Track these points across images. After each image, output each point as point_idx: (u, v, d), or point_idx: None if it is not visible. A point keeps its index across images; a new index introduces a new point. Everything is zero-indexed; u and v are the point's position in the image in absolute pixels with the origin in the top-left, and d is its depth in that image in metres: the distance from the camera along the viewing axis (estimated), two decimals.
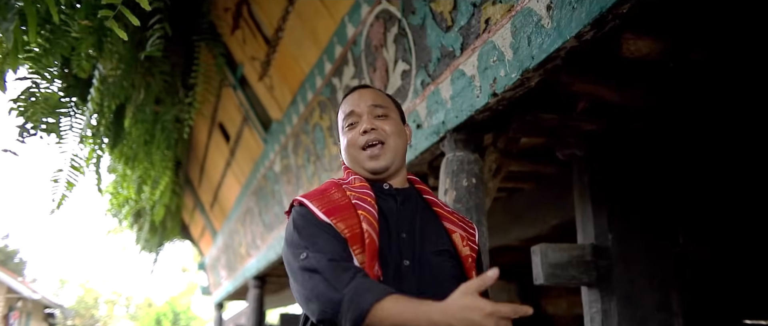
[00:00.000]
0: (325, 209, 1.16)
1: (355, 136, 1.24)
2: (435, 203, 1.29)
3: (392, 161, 1.24)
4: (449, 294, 1.06)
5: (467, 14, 1.95)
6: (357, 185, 1.23)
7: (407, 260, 1.15)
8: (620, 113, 2.01)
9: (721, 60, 1.66)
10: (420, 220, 1.23)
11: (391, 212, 1.20)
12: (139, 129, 3.80)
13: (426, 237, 1.20)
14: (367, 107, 1.25)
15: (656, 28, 1.53)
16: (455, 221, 1.26)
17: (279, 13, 3.45)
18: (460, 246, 1.21)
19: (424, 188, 1.32)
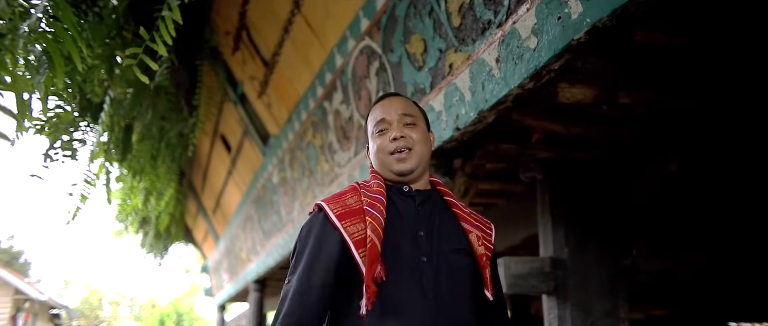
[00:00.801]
0: (339, 212, 1.24)
1: (384, 142, 1.32)
2: (454, 204, 1.35)
3: (417, 165, 1.31)
4: (464, 288, 1.22)
5: (435, 58, 2.23)
6: (373, 189, 1.29)
7: (425, 257, 1.22)
8: (570, 142, 2.29)
9: (646, 104, 1.93)
10: (438, 220, 1.30)
11: (409, 212, 1.28)
12: (145, 145, 4.09)
13: (443, 236, 1.27)
14: (397, 116, 1.33)
15: (587, 78, 1.80)
16: (472, 221, 1.32)
17: (275, 40, 3.73)
18: (475, 246, 1.27)
19: (445, 191, 1.39)
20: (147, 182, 4.60)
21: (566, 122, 2.10)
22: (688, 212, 2.91)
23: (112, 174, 4.10)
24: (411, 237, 1.24)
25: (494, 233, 1.37)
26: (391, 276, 1.19)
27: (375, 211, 1.22)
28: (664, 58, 1.67)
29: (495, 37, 1.85)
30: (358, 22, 2.78)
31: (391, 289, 1.18)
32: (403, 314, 1.17)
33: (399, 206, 1.29)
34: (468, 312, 1.23)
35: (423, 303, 1.18)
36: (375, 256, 1.16)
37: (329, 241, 1.22)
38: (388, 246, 1.21)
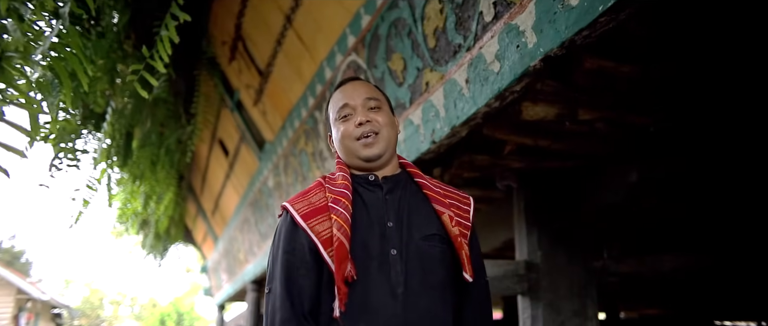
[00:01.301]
0: (304, 212, 1.20)
1: (349, 128, 1.26)
2: (425, 185, 1.30)
3: (385, 150, 1.27)
4: (437, 278, 1.17)
5: (414, 75, 2.40)
6: (338, 183, 1.25)
7: (394, 249, 1.18)
8: (540, 154, 2.46)
9: (605, 120, 2.10)
10: (408, 207, 1.25)
11: (376, 203, 1.23)
12: (145, 151, 4.26)
13: (414, 224, 1.22)
14: (361, 100, 1.28)
15: (547, 98, 1.97)
16: (445, 201, 1.26)
17: (269, 51, 3.90)
18: (449, 227, 1.22)
19: (415, 172, 1.34)
20: (147, 186, 4.77)
21: (534, 136, 2.27)
22: (658, 216, 3.08)
23: (113, 179, 4.27)
24: (379, 230, 1.20)
25: (473, 207, 1.32)
26: (361, 274, 1.15)
27: (340, 207, 1.18)
28: (617, 80, 1.83)
29: (464, 59, 2.02)
30: (345, 39, 2.95)
31: (361, 288, 1.15)
32: (373, 314, 1.14)
33: (365, 198, 1.25)
34: (441, 303, 1.19)
35: (392, 301, 1.15)
36: (344, 255, 1.13)
37: (301, 243, 1.20)
38: (357, 242, 1.18)
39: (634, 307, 8.64)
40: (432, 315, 1.17)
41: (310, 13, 3.20)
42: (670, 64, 1.75)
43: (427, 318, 1.16)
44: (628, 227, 3.04)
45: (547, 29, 1.61)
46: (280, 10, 3.46)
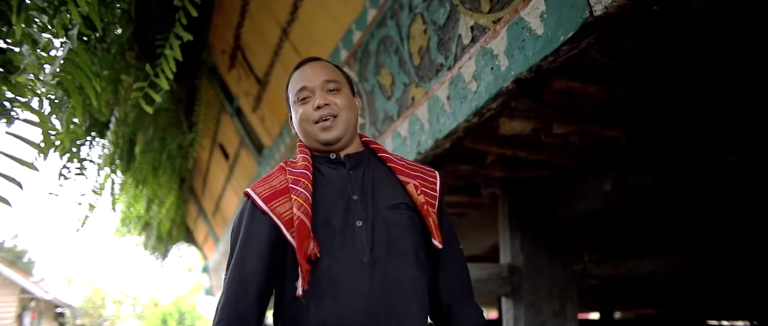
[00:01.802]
0: (265, 196, 1.21)
1: (307, 110, 1.26)
2: (389, 159, 1.31)
3: (344, 133, 1.26)
4: (406, 244, 1.17)
5: (401, 90, 2.54)
6: (299, 165, 1.25)
7: (359, 221, 1.18)
8: (520, 163, 2.60)
9: (578, 133, 2.24)
10: (372, 180, 1.25)
11: (339, 179, 1.24)
12: (148, 157, 4.41)
13: (379, 194, 1.23)
14: (320, 82, 1.27)
15: (522, 114, 2.11)
16: (409, 172, 1.28)
17: (267, 61, 4.05)
18: (415, 195, 1.23)
19: (379, 147, 1.34)
20: (149, 190, 4.92)
21: (513, 148, 2.41)
22: (638, 221, 3.22)
23: (116, 184, 4.43)
24: (343, 205, 1.21)
25: (439, 181, 1.33)
26: (325, 250, 1.16)
27: (300, 187, 1.18)
28: (584, 99, 1.97)
29: (446, 78, 2.17)
30: (338, 52, 3.09)
31: (325, 264, 1.15)
32: (339, 287, 1.14)
33: (328, 176, 1.25)
34: (411, 268, 1.19)
35: (358, 270, 1.15)
36: (305, 233, 1.13)
37: (259, 226, 1.19)
38: (320, 219, 1.18)
39: (631, 307, 8.79)
40: (401, 280, 1.17)
41: (305, 26, 3.35)
42: (633, 85, 1.89)
43: (395, 283, 1.16)
44: (609, 231, 3.19)
45: (517, 54, 1.76)
46: (276, 23, 3.60)
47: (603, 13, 1.43)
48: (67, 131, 2.17)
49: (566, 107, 2.02)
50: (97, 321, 31.51)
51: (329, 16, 3.02)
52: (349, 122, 1.28)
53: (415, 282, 1.19)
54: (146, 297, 34.34)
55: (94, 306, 32.46)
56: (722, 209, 2.87)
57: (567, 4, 1.54)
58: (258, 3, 3.76)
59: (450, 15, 2.11)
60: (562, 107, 2.02)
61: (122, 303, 34.27)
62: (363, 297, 1.13)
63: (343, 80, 1.33)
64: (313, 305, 1.13)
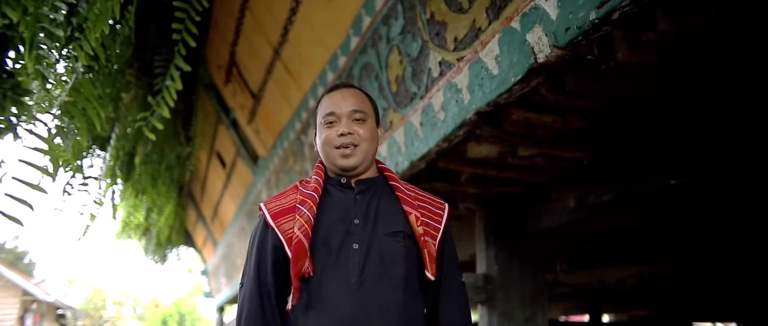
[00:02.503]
0: (274, 212, 1.29)
1: (331, 135, 1.32)
2: (398, 188, 1.36)
3: (361, 162, 1.32)
4: (397, 271, 1.22)
5: (380, 113, 2.74)
6: (310, 186, 1.32)
7: (356, 244, 1.24)
8: (492, 181, 2.80)
9: (542, 155, 2.44)
10: (377, 206, 1.31)
11: (345, 202, 1.30)
12: (147, 168, 4.61)
13: (381, 221, 1.29)
14: (347, 111, 1.33)
15: (488, 139, 2.30)
16: (414, 203, 1.33)
17: (260, 77, 4.25)
18: (414, 226, 1.28)
19: (391, 176, 1.41)
20: (148, 200, 5.13)
21: (483, 167, 2.60)
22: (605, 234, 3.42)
23: (117, 193, 4.62)
24: (344, 227, 1.27)
25: (446, 213, 1.38)
26: (318, 268, 1.23)
27: (305, 208, 1.25)
28: (541, 128, 2.17)
29: (418, 106, 2.37)
30: (325, 74, 3.29)
31: (317, 282, 1.22)
32: (325, 303, 1.20)
33: (335, 198, 1.32)
34: (398, 293, 1.23)
35: (345, 289, 1.21)
36: (301, 253, 1.20)
37: (267, 240, 1.28)
38: (320, 238, 1.25)
39: (624, 309, 9.00)
40: (387, 303, 1.21)
41: (296, 48, 3.55)
42: (584, 116, 2.09)
43: (381, 306, 1.20)
44: (581, 242, 3.39)
45: (476, 90, 1.96)
46: (269, 44, 3.81)
47: (545, 61, 1.63)
48: (73, 152, 2.37)
49: (526, 134, 2.22)
50: (98, 322, 31.67)
51: (317, 40, 3.23)
52: (368, 152, 1.34)
53: (401, 306, 1.23)
54: (146, 298, 34.50)
55: (95, 307, 32.63)
56: (678, 220, 3.08)
57: (516, 51, 1.73)
58: (251, 23, 3.96)
59: (422, 49, 2.31)
60: (522, 134, 2.22)
61: (123, 305, 34.43)
62: (346, 314, 1.19)
63: (371, 111, 1.40)
64: (301, 318, 1.22)
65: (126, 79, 3.85)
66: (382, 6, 2.53)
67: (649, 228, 3.26)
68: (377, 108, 1.46)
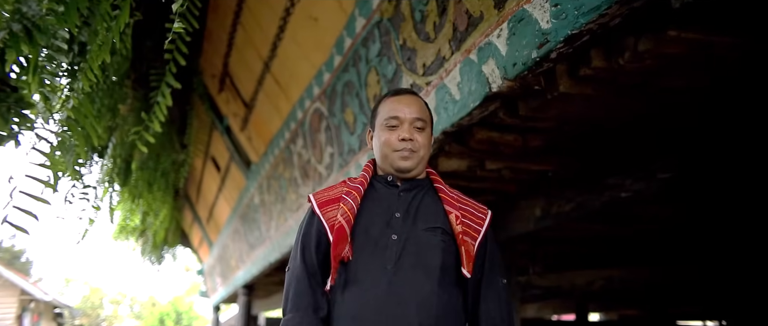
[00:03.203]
0: (321, 201, 1.39)
1: (393, 138, 1.40)
2: (442, 190, 1.45)
3: (417, 165, 1.42)
4: (432, 262, 1.29)
5: (361, 128, 2.94)
6: (357, 181, 1.42)
7: (395, 235, 1.32)
8: (467, 192, 2.99)
9: (508, 168, 2.64)
10: (419, 203, 1.39)
11: (389, 197, 1.39)
12: (143, 174, 4.80)
13: (421, 217, 1.36)
14: (410, 118, 1.41)
15: (456, 155, 2.50)
16: (455, 204, 1.41)
17: (252, 88, 4.44)
18: (453, 224, 1.35)
19: (437, 179, 1.50)
20: (145, 204, 5.32)
21: (455, 179, 2.80)
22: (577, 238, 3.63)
23: (114, 197, 4.81)
24: (385, 219, 1.35)
25: (488, 218, 1.47)
26: (357, 254, 1.32)
27: (349, 198, 1.35)
28: (503, 146, 2.37)
29: None
30: (311, 88, 3.49)
31: (355, 266, 1.32)
32: (360, 285, 1.30)
33: (380, 193, 1.41)
34: (432, 282, 1.30)
35: (380, 274, 1.29)
36: (341, 237, 1.30)
37: (313, 226, 1.38)
38: (361, 228, 1.34)
39: (615, 308, 9.23)
40: (419, 291, 1.29)
41: (284, 63, 3.74)
42: (542, 135, 2.29)
43: (413, 293, 1.28)
44: (553, 246, 3.59)
45: (442, 112, 2.15)
46: (259, 57, 4.00)
47: (498, 90, 1.83)
48: (72, 164, 2.56)
49: (491, 150, 2.42)
50: (95, 321, 31.82)
51: (304, 57, 3.42)
52: (423, 158, 1.44)
53: (434, 295, 1.29)
54: (143, 297, 34.66)
55: (92, 306, 32.78)
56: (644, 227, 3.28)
57: (474, 80, 1.93)
58: (243, 37, 4.15)
59: (396, 72, 2.50)
60: (487, 150, 2.42)
61: (120, 303, 34.59)
62: (379, 297, 1.28)
63: (429, 120, 1.48)
64: (340, 297, 1.32)
65: (123, 90, 4.03)
66: (361, 29, 2.72)
67: (618, 233, 3.47)
68: (432, 117, 1.54)
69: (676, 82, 1.78)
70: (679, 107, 1.97)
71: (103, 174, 4.32)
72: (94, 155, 4.15)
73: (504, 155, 2.51)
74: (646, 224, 3.45)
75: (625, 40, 1.55)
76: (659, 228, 3.56)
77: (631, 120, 2.10)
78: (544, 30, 1.58)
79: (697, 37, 1.46)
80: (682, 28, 1.45)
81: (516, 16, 1.70)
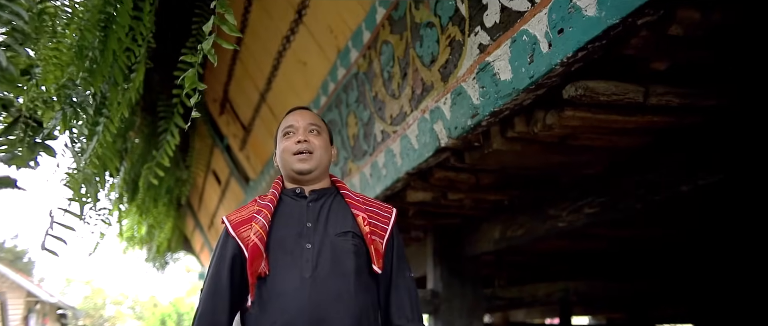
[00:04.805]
0: (235, 223, 1.44)
1: (290, 143, 1.50)
2: (347, 195, 1.53)
3: (316, 167, 1.48)
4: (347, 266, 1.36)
5: (342, 161, 3.36)
6: (267, 198, 1.47)
7: (309, 244, 1.38)
8: (436, 215, 3.43)
9: (469, 198, 3.07)
10: (328, 211, 1.46)
11: (299, 209, 1.46)
12: (149, 192, 5.22)
13: (331, 224, 1.43)
14: (304, 124, 1.51)
15: (423, 188, 2.93)
16: (362, 207, 1.49)
17: (250, 114, 4.87)
18: (361, 226, 1.43)
19: (342, 185, 1.58)
20: (150, 218, 5.75)
21: (424, 206, 3.24)
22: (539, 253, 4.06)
23: (123, 213, 5.25)
24: (297, 230, 1.42)
25: (393, 216, 1.56)
26: (274, 268, 1.37)
27: (260, 216, 1.41)
28: (459, 183, 2.79)
29: (368, 161, 3.00)
30: None
31: (273, 279, 1.37)
32: (281, 297, 1.35)
33: (290, 206, 1.47)
34: (349, 285, 1.38)
35: (299, 283, 1.35)
36: (256, 254, 1.35)
37: (228, 248, 1.43)
38: (275, 241, 1.40)
39: (602, 311, 9.66)
40: (339, 296, 1.36)
41: (278, 96, 4.17)
42: (492, 174, 2.72)
43: (333, 299, 1.35)
44: (517, 261, 4.03)
45: (405, 157, 2.59)
46: (256, 89, 4.43)
47: (446, 145, 2.26)
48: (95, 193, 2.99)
49: (450, 186, 2.85)
50: (98, 321, 32.22)
51: (294, 94, 3.85)
52: (321, 159, 1.52)
53: (352, 296, 1.38)
54: (145, 298, 35.02)
55: (95, 306, 33.20)
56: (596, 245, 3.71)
57: (428, 135, 2.36)
58: (242, 70, 4.58)
59: (370, 118, 2.94)
60: (446, 186, 2.85)
61: (121, 304, 34.98)
62: (301, 306, 1.33)
63: (324, 128, 1.60)
64: (261, 313, 1.37)
65: (132, 117, 4.46)
66: (342, 77, 3.16)
67: (578, 248, 3.90)
68: (331, 131, 1.68)
69: (587, 140, 2.21)
70: (595, 155, 2.40)
71: (114, 193, 4.75)
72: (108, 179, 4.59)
73: (461, 190, 2.94)
74: (600, 242, 3.89)
75: (537, 113, 1.98)
76: (609, 245, 4.00)
77: (558, 167, 2.53)
78: (476, 104, 2.01)
79: (587, 115, 1.88)
80: (576, 108, 1.87)
81: (456, 90, 2.13)
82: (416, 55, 2.40)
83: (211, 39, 1.85)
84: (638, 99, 1.75)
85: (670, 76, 1.74)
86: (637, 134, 2.07)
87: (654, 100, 1.76)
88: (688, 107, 1.81)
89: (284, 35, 3.54)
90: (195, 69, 2.06)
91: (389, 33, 2.60)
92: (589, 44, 1.48)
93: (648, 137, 2.12)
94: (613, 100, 1.75)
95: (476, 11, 1.95)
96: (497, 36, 1.85)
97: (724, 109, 1.85)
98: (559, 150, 2.27)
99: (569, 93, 1.74)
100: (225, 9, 1.78)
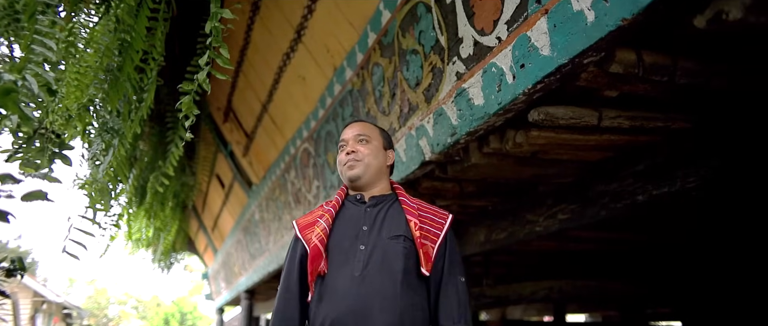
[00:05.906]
0: (301, 226, 1.58)
1: (342, 155, 1.65)
2: (404, 201, 1.62)
3: (364, 173, 1.59)
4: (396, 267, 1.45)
5: None
6: (331, 203, 1.60)
7: (363, 245, 1.48)
8: None
9: (456, 205, 3.31)
10: (384, 216, 1.55)
11: (357, 214, 1.57)
12: (156, 197, 5.48)
13: (385, 227, 1.53)
14: (353, 136, 1.65)
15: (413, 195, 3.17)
16: (415, 212, 1.57)
17: (252, 123, 5.13)
18: (413, 230, 1.52)
19: (402, 193, 1.67)
20: (157, 222, 6.01)
21: None
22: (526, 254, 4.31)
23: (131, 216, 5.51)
24: (354, 233, 1.52)
25: (448, 222, 1.65)
26: (332, 266, 1.49)
27: (323, 220, 1.54)
28: (445, 191, 3.04)
29: None
30: (301, 131, 4.17)
31: (329, 278, 1.50)
32: (334, 293, 1.47)
33: (351, 211, 1.59)
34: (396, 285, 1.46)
35: (350, 281, 1.46)
36: (316, 254, 1.48)
37: (297, 248, 1.58)
38: (334, 243, 1.52)
39: (597, 309, 9.91)
40: (384, 292, 1.45)
41: (279, 107, 4.43)
42: (475, 184, 2.97)
43: (378, 295, 1.44)
44: (505, 261, 4.28)
45: (395, 169, 2.84)
46: (258, 100, 4.69)
47: (430, 159, 2.51)
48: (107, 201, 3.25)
49: (436, 194, 3.10)
50: (101, 321, 32.51)
51: (295, 106, 4.11)
52: (369, 165, 1.63)
53: (397, 296, 1.46)
54: (147, 297, 35.29)
55: (99, 306, 33.49)
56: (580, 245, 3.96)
57: (414, 149, 2.61)
58: (244, 82, 4.83)
59: None
60: (433, 194, 3.10)
61: (125, 304, 35.25)
62: (349, 301, 1.45)
63: (375, 135, 1.71)
64: (318, 308, 1.50)
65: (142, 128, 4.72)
66: (338, 93, 3.41)
67: (563, 249, 4.16)
68: (387, 135, 1.78)
69: (555, 155, 2.46)
70: (564, 167, 2.65)
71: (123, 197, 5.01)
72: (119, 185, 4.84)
73: (447, 197, 3.19)
74: (586, 243, 4.14)
75: (508, 133, 2.23)
76: (597, 246, 4.25)
77: (532, 178, 2.78)
78: (454, 125, 2.26)
79: (551, 134, 2.13)
80: (540, 129, 2.12)
81: (437, 111, 2.38)
82: (403, 77, 2.65)
83: (206, 70, 2.10)
84: (593, 122, 1.99)
85: (622, 101, 1.99)
86: (598, 149, 2.32)
87: (607, 122, 2.01)
88: (638, 128, 2.06)
89: (284, 52, 3.79)
90: (191, 96, 2.31)
91: (380, 56, 2.85)
92: (545, 78, 1.73)
93: (609, 152, 2.37)
94: (571, 123, 1.99)
95: (454, 43, 2.21)
96: (471, 66, 2.10)
97: (672, 129, 2.10)
98: (531, 163, 2.52)
99: (533, 117, 1.99)
100: (220, 44, 2.03)
